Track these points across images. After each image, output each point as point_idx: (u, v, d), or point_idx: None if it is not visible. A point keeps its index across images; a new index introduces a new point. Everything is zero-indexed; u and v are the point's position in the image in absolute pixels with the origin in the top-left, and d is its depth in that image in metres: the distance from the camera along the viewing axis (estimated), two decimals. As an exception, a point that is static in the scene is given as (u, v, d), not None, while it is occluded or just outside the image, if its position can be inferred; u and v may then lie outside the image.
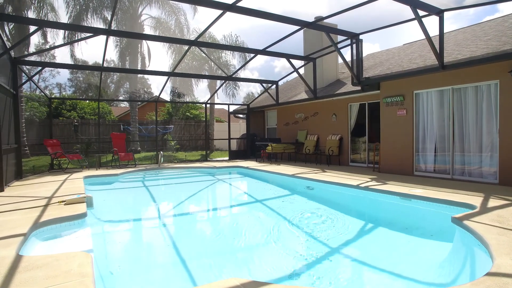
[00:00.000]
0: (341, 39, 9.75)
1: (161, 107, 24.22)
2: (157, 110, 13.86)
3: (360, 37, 8.98)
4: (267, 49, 9.68)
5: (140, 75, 30.04)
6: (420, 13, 6.93)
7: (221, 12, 6.92)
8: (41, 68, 11.72)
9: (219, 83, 20.80)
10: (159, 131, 19.64)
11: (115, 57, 20.80)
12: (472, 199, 5.15)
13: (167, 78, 12.49)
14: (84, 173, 9.44)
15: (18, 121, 8.61)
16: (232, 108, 17.20)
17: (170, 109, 23.92)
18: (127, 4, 17.85)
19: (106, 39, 8.39)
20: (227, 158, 14.96)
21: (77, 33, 15.95)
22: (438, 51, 7.23)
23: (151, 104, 24.65)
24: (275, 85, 13.87)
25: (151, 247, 4.55)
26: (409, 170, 8.47)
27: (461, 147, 7.48)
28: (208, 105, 16.27)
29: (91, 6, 16.81)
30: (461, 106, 7.47)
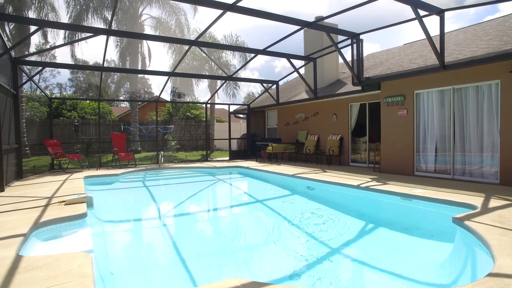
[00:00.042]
0: (341, 39, 9.74)
1: (161, 107, 24.22)
2: (157, 110, 13.85)
3: (361, 37, 8.97)
4: (268, 49, 9.67)
5: (141, 75, 30.06)
6: (421, 13, 6.93)
7: (221, 12, 6.91)
8: (41, 68, 11.74)
9: (219, 83, 20.80)
10: (159, 131, 19.64)
11: (115, 57, 20.84)
12: (473, 199, 5.13)
13: (167, 78, 12.49)
14: (85, 173, 9.44)
15: (18, 121, 8.62)
16: (233, 108, 17.20)
17: (170, 109, 23.92)
18: (127, 4, 17.85)
19: (106, 39, 8.40)
20: (227, 158, 14.96)
21: (77, 33, 15.95)
22: (439, 51, 7.21)
23: (152, 104, 24.66)
24: (275, 85, 13.87)
25: (151, 247, 4.54)
26: (409, 170, 8.46)
27: (462, 147, 7.47)
28: (208, 105, 16.27)
29: (92, 6, 16.82)
30: (462, 106, 7.46)
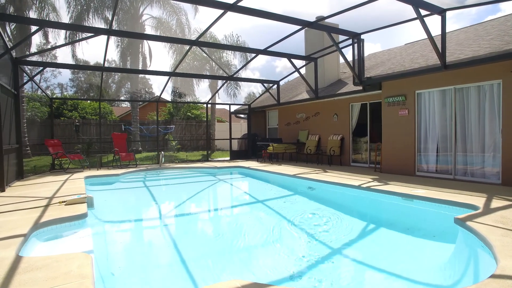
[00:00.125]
0: (342, 38, 9.71)
1: (162, 107, 24.23)
2: (158, 110, 13.84)
3: (362, 36, 8.94)
4: (268, 49, 9.66)
5: (141, 75, 30.03)
6: (422, 12, 6.90)
7: (222, 11, 6.90)
8: (42, 68, 11.74)
9: (220, 83, 20.79)
10: (160, 131, 19.64)
11: (116, 57, 20.88)
12: (474, 199, 5.11)
13: (168, 78, 12.49)
14: (85, 173, 9.43)
15: (19, 121, 8.62)
16: (233, 108, 17.17)
17: (171, 109, 23.93)
18: (128, 4, 17.85)
19: (107, 39, 8.39)
20: (228, 158, 14.94)
21: (78, 33, 15.96)
22: (440, 50, 7.19)
23: (152, 104, 24.66)
24: (276, 85, 13.85)
25: (152, 247, 4.53)
26: (411, 170, 8.43)
27: (463, 147, 7.44)
28: (209, 105, 16.25)
29: (92, 6, 16.83)
30: (463, 106, 7.43)
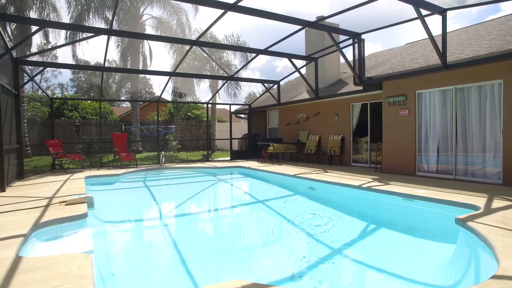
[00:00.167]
0: (342, 38, 9.70)
1: (162, 107, 24.23)
2: (158, 110, 13.85)
3: (362, 36, 8.92)
4: (269, 49, 9.65)
5: (142, 75, 30.05)
6: (423, 12, 6.88)
7: (222, 11, 6.89)
8: (42, 68, 11.74)
9: (220, 83, 20.78)
10: (160, 131, 19.64)
11: (116, 57, 20.87)
12: (475, 199, 5.09)
13: (168, 78, 12.48)
14: (86, 173, 9.43)
15: (19, 121, 8.62)
16: (234, 108, 17.17)
17: (171, 109, 23.93)
18: (128, 4, 17.86)
19: (107, 39, 8.39)
20: (228, 158, 14.94)
21: (78, 33, 15.97)
22: (441, 50, 7.17)
23: (153, 104, 24.67)
24: (276, 85, 13.84)
25: (152, 248, 4.53)
26: (411, 170, 8.42)
27: (464, 147, 7.42)
28: (209, 105, 16.25)
29: (93, 6, 16.84)
30: (464, 106, 7.41)
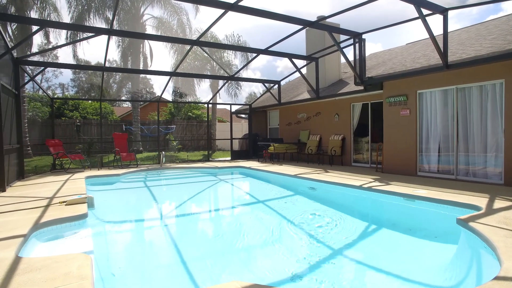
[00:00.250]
0: (343, 38, 9.68)
1: (163, 107, 24.23)
2: (159, 110, 13.84)
3: (363, 36, 8.91)
4: (269, 48, 9.63)
5: (142, 75, 30.07)
6: (424, 12, 6.86)
7: (223, 11, 6.88)
8: (43, 68, 11.75)
9: (221, 83, 20.77)
10: (161, 131, 19.63)
11: (117, 57, 20.85)
12: (477, 200, 5.07)
13: (169, 78, 12.48)
14: (86, 173, 9.43)
15: (20, 121, 8.62)
16: (234, 108, 17.16)
17: (172, 109, 23.92)
18: (129, 4, 17.86)
19: (107, 39, 8.38)
20: (229, 158, 14.93)
21: (79, 33, 15.97)
22: (442, 50, 7.15)
23: (153, 104, 24.66)
24: (277, 85, 13.82)
25: (152, 248, 4.51)
26: (412, 170, 8.39)
27: (465, 147, 7.39)
28: (210, 105, 16.25)
29: (93, 6, 16.84)
30: (465, 105, 7.39)
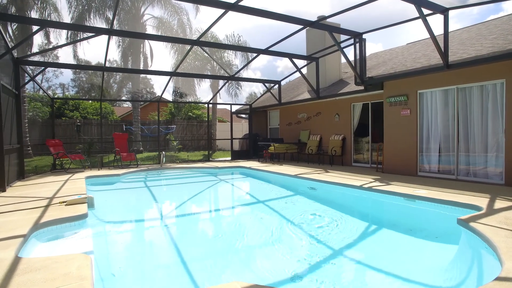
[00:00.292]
0: (344, 38, 9.67)
1: (163, 107, 24.24)
2: (159, 110, 13.84)
3: (363, 36, 8.90)
4: (270, 48, 9.62)
5: (143, 75, 30.09)
6: (425, 11, 6.85)
7: (223, 11, 6.87)
8: (43, 68, 11.74)
9: (221, 83, 20.76)
10: (161, 131, 19.63)
11: (117, 57, 20.87)
12: (478, 200, 5.06)
13: (169, 78, 12.47)
14: (86, 173, 9.43)
15: (20, 121, 8.62)
16: (235, 108, 17.15)
17: (172, 109, 23.93)
18: (129, 4, 17.86)
19: (108, 39, 8.37)
20: (229, 158, 14.92)
21: (79, 33, 15.98)
22: (443, 50, 7.13)
23: (154, 104, 24.66)
24: (277, 85, 13.81)
25: (152, 248, 4.50)
26: (413, 170, 8.38)
27: (466, 147, 7.38)
28: (210, 105, 16.24)
29: (94, 6, 16.85)
30: (466, 105, 7.37)
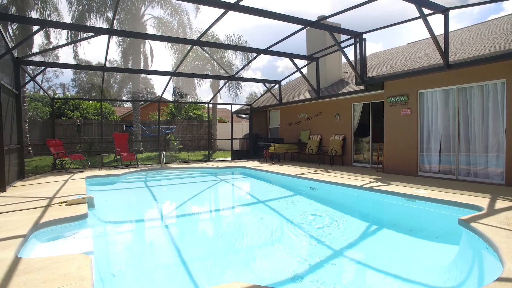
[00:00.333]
0: (344, 38, 9.66)
1: (163, 107, 24.24)
2: (159, 110, 13.84)
3: (364, 36, 8.89)
4: (270, 48, 9.61)
5: (143, 75, 30.11)
6: (425, 11, 6.84)
7: (223, 11, 6.86)
8: (43, 68, 11.75)
9: (221, 83, 20.76)
10: (161, 131, 19.64)
11: (117, 57, 20.89)
12: (478, 200, 5.05)
13: (169, 78, 12.47)
14: (87, 173, 9.42)
15: (20, 121, 8.61)
16: (235, 108, 17.15)
17: (172, 109, 23.93)
18: (129, 4, 17.87)
19: (108, 38, 8.37)
20: (229, 158, 14.91)
21: (80, 33, 15.99)
22: (443, 50, 7.12)
23: (154, 104, 24.67)
24: (278, 85, 13.80)
25: (153, 249, 4.50)
26: (413, 170, 8.37)
27: (466, 147, 7.37)
28: (210, 105, 16.23)
29: (94, 6, 16.85)
30: (466, 105, 7.36)
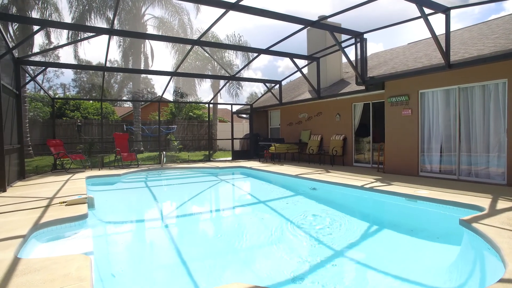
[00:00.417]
0: (345, 38, 9.64)
1: (164, 107, 24.24)
2: (160, 110, 13.83)
3: (364, 36, 8.87)
4: (270, 48, 9.59)
5: (143, 75, 30.12)
6: (426, 11, 6.82)
7: (224, 11, 6.85)
8: (44, 68, 11.75)
9: (222, 83, 20.76)
10: (162, 131, 19.63)
11: (118, 57, 20.90)
12: (480, 200, 5.03)
13: (170, 78, 12.46)
14: (87, 173, 9.42)
15: (21, 121, 8.61)
16: (235, 108, 17.13)
17: (173, 109, 23.93)
18: (130, 4, 17.87)
19: (108, 38, 8.36)
20: (230, 158, 14.90)
21: (80, 33, 15.99)
22: (444, 49, 7.10)
23: (154, 104, 24.68)
24: (278, 85, 13.78)
25: (153, 249, 4.49)
26: (414, 170, 8.35)
27: (467, 147, 7.35)
28: (211, 105, 16.21)
29: (94, 6, 16.86)
30: (467, 105, 7.34)
